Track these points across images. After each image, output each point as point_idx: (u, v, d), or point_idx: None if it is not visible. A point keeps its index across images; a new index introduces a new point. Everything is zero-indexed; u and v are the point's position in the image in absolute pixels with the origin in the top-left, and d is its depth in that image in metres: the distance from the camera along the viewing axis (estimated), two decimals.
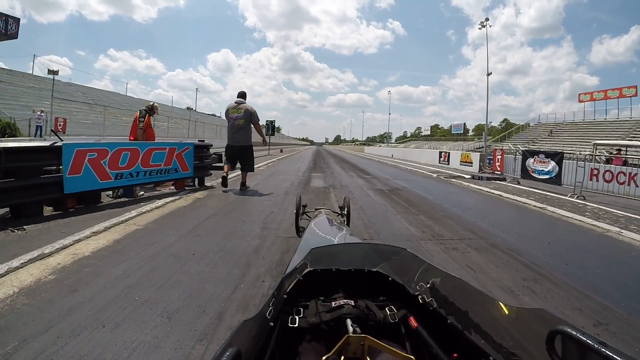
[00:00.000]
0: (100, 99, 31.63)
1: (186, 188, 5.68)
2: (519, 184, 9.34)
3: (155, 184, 5.32)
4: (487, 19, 35.60)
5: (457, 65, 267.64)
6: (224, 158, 6.45)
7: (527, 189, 8.10)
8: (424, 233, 3.53)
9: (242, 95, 5.92)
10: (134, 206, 4.26)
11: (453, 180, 9.53)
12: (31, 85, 28.05)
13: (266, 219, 3.89)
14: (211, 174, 6.44)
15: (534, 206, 5.86)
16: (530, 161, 9.40)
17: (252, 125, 5.80)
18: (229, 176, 5.83)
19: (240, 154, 5.79)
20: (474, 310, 0.75)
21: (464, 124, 56.94)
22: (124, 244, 2.88)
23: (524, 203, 6.12)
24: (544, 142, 32.38)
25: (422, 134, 75.72)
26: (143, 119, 5.94)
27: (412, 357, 0.70)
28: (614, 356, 0.47)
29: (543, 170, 8.99)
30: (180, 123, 42.87)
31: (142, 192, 5.09)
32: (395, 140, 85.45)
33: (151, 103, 6.44)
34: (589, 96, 35.84)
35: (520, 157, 9.79)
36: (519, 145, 23.56)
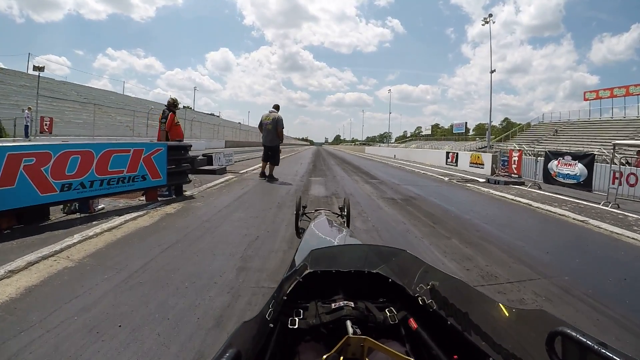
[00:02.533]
0: (95, 98, 30.89)
1: (159, 199, 4.73)
2: (540, 189, 8.42)
3: (120, 195, 4.35)
4: (490, 15, 34.86)
5: (456, 63, 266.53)
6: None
7: (555, 195, 7.19)
8: (468, 271, 2.55)
9: (275, 107, 7.50)
10: (84, 226, 3.32)
11: (468, 185, 8.59)
12: (22, 84, 27.27)
13: (247, 250, 2.85)
14: (190, 181, 5.40)
15: (573, 219, 4.96)
16: (553, 164, 8.47)
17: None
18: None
19: (269, 150, 7.45)
20: (474, 312, 0.74)
21: (466, 123, 55.88)
22: (33, 298, 1.94)
23: (560, 215, 5.19)
24: (550, 141, 31.53)
25: (423, 133, 74.66)
26: (165, 120, 5.51)
27: (411, 359, 0.68)
28: (614, 357, 0.46)
29: (569, 174, 8.07)
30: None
31: (101, 206, 4.14)
32: (395, 140, 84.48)
33: (172, 98, 5.76)
34: (595, 94, 35.07)
35: (542, 158, 8.86)
36: (524, 145, 22.77)
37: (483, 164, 12.81)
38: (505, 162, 10.98)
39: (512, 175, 10.09)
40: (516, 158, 9.95)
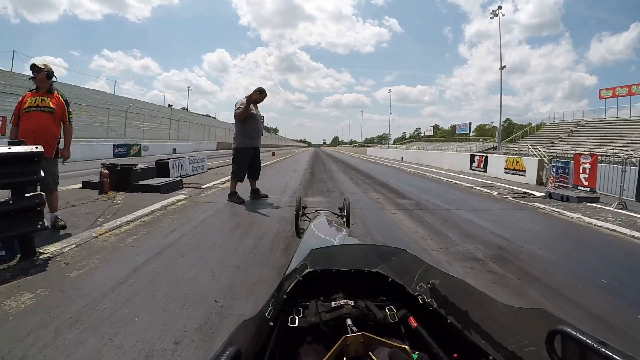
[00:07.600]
0: (78, 97, 28.65)
1: None
2: (625, 208, 5.86)
3: None
4: (499, 7, 32.23)
5: (454, 64, 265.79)
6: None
7: None
8: None
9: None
10: None
11: (539, 206, 5.94)
12: None
13: None
14: (46, 228, 2.48)
15: None
16: None
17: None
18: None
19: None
20: (474, 310, 0.73)
21: (470, 123, 53.37)
22: None
23: None
24: (564, 142, 29.27)
25: (424, 134, 72.20)
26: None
27: (405, 346, 0.67)
28: (614, 356, 0.45)
29: None
30: (167, 123, 39.23)
31: None
32: (394, 142, 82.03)
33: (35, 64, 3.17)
34: (611, 92, 32.97)
35: (636, 168, 6.32)
36: (538, 147, 20.30)
37: (524, 171, 10.24)
38: (561, 169, 8.41)
39: (580, 187, 7.53)
40: (587, 165, 7.38)
